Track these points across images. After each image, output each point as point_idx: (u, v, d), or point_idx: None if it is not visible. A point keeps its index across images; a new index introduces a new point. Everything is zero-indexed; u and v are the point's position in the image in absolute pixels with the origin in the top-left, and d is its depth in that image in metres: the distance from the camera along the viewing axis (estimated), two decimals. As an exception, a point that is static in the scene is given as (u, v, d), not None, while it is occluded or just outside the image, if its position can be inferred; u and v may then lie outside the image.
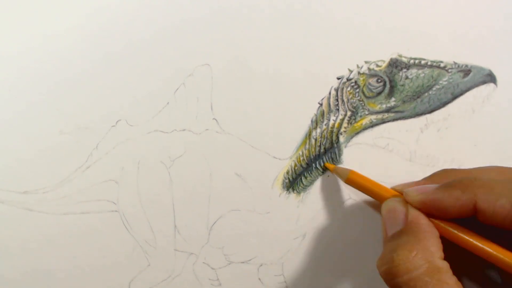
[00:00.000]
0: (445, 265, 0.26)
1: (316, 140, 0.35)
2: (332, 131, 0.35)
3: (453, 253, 0.28)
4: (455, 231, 0.28)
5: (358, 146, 0.35)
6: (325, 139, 0.35)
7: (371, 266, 0.35)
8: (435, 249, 0.26)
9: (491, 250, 0.27)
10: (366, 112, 0.35)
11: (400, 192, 0.31)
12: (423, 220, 0.28)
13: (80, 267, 0.34)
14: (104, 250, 0.34)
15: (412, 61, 0.35)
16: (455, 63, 0.35)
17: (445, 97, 0.35)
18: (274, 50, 0.35)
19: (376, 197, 0.32)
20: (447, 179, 0.30)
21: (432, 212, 0.28)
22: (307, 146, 0.35)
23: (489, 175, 0.29)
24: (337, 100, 0.35)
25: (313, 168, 0.35)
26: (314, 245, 0.35)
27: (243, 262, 0.35)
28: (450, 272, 0.26)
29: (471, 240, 0.27)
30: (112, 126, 0.34)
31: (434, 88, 0.35)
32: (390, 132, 0.35)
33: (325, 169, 0.35)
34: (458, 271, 0.26)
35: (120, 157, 0.34)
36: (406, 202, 0.29)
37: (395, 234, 0.28)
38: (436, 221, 0.28)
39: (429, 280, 0.25)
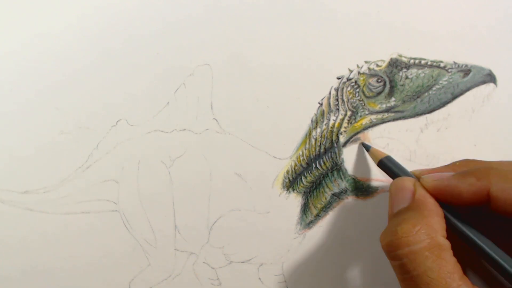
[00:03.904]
0: (446, 243, 0.26)
1: (316, 140, 0.35)
2: (332, 131, 0.35)
3: (460, 242, 0.28)
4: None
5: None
6: (325, 139, 0.35)
7: (371, 266, 0.35)
8: (438, 227, 0.26)
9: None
10: (366, 112, 0.35)
11: (417, 176, 0.31)
12: (429, 199, 0.28)
13: (80, 266, 0.34)
14: (104, 249, 0.34)
15: (412, 61, 0.35)
16: (455, 63, 0.35)
17: (445, 97, 0.35)
18: (274, 50, 0.35)
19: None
20: (466, 168, 0.30)
21: (446, 198, 0.28)
22: (307, 146, 0.35)
23: (507, 167, 0.29)
24: (337, 100, 0.35)
25: (313, 168, 0.35)
26: (314, 245, 0.35)
27: (243, 262, 0.35)
28: (451, 251, 0.26)
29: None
30: (113, 126, 0.34)
31: (434, 88, 0.35)
32: (390, 132, 0.35)
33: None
34: (461, 259, 0.26)
35: (121, 157, 0.34)
36: (416, 183, 0.29)
37: (401, 210, 0.28)
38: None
39: (429, 254, 0.25)
